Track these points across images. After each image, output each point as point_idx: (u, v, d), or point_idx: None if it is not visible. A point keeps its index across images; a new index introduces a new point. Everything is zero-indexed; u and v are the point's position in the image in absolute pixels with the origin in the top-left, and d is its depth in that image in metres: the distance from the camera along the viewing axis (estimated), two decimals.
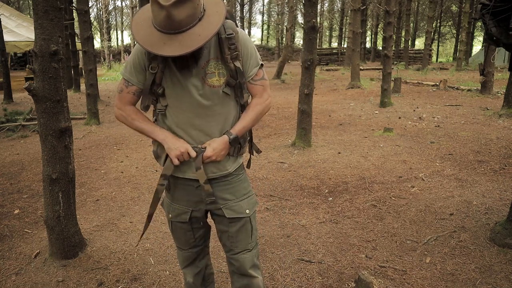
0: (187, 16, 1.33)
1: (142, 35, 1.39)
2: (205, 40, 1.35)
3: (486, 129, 6.38)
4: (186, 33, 1.35)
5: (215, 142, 1.56)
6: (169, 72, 1.51)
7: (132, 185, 4.28)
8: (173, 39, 1.35)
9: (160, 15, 1.32)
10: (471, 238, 2.91)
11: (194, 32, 1.35)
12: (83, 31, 7.94)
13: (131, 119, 1.62)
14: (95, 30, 32.81)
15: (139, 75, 1.56)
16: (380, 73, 14.26)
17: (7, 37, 12.18)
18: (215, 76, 1.52)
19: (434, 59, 34.36)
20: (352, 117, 7.82)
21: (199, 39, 1.35)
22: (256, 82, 1.61)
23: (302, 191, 4.00)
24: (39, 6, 2.41)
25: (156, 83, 1.53)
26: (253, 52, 1.58)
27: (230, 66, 1.52)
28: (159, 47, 1.35)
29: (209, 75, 1.51)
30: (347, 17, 31.53)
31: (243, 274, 1.73)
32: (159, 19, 1.33)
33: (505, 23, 2.57)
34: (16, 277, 2.55)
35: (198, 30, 1.36)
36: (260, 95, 1.64)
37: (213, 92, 1.53)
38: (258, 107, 1.63)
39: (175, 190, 1.68)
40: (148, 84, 1.54)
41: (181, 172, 1.62)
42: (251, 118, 1.62)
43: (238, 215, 1.66)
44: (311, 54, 5.34)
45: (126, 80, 1.58)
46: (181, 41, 1.34)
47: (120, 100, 1.61)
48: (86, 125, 7.70)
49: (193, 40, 1.34)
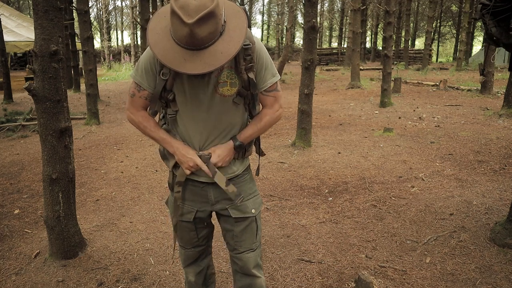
0: (210, 33, 1.28)
1: (161, 49, 1.33)
2: (228, 59, 1.32)
3: (486, 129, 6.38)
4: (207, 49, 1.31)
5: (219, 148, 1.56)
6: (180, 79, 1.48)
7: (132, 185, 4.27)
8: (195, 55, 1.30)
9: (182, 32, 1.27)
10: (471, 238, 2.91)
11: (217, 49, 1.31)
12: (83, 31, 7.94)
13: (143, 126, 1.61)
14: (95, 30, 32.81)
15: (150, 80, 1.53)
16: (380, 73, 14.27)
17: (7, 37, 12.18)
18: (227, 86, 1.50)
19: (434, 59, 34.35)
20: (352, 117, 7.82)
21: (221, 57, 1.31)
22: (269, 93, 1.59)
23: (302, 191, 4.00)
24: (39, 6, 2.41)
25: (167, 89, 1.51)
26: (268, 63, 1.54)
27: (243, 76, 1.49)
28: (179, 64, 1.31)
29: (221, 84, 1.49)
30: (347, 17, 31.52)
31: (246, 273, 1.73)
32: (181, 35, 1.28)
33: (505, 23, 2.57)
34: (16, 277, 2.55)
35: (220, 47, 1.32)
36: (271, 106, 1.62)
37: (223, 101, 1.51)
38: (268, 117, 1.63)
39: (183, 190, 1.68)
40: (159, 90, 1.50)
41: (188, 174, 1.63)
42: (259, 127, 1.62)
43: (244, 215, 1.66)
44: (311, 54, 5.34)
45: (137, 84, 1.55)
46: (203, 59, 1.30)
47: (132, 104, 1.59)
48: (86, 125, 7.70)
49: (215, 59, 1.31)
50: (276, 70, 1.59)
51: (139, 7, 10.54)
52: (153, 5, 12.88)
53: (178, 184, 1.61)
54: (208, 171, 1.55)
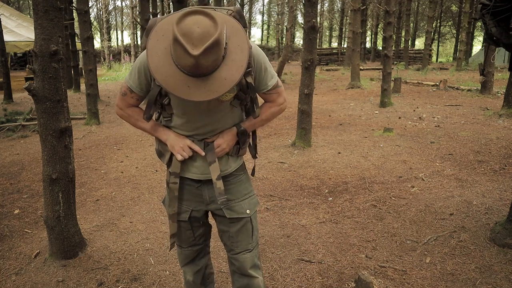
0: (214, 61, 1.27)
1: (163, 74, 1.30)
2: (232, 85, 1.31)
3: (486, 129, 6.38)
4: (211, 76, 1.30)
5: (223, 133, 1.58)
6: None
7: (132, 185, 4.27)
8: (198, 82, 1.29)
9: (186, 61, 1.25)
10: (471, 238, 2.91)
11: (220, 76, 1.30)
12: (83, 31, 7.94)
13: (134, 119, 1.63)
14: (95, 30, 32.81)
15: (143, 84, 1.54)
16: (380, 73, 14.27)
17: (7, 37, 12.18)
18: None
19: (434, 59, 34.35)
20: (352, 117, 7.82)
21: (225, 83, 1.30)
22: (272, 91, 1.61)
23: (302, 191, 4.00)
24: (39, 6, 2.41)
25: (162, 94, 1.51)
26: (266, 65, 1.54)
27: (241, 82, 1.48)
28: (183, 91, 1.29)
29: None
30: (347, 17, 31.51)
31: (243, 274, 1.73)
32: (185, 64, 1.26)
33: (505, 23, 2.57)
34: (16, 277, 2.55)
35: (223, 73, 1.30)
36: (275, 100, 1.64)
37: (220, 105, 1.52)
38: (272, 109, 1.65)
39: (180, 190, 1.68)
40: (154, 95, 1.50)
41: (183, 171, 1.63)
42: (263, 117, 1.64)
43: (238, 215, 1.66)
44: (311, 54, 5.34)
45: (129, 87, 1.56)
46: (207, 85, 1.29)
47: (122, 102, 1.61)
48: (86, 125, 7.70)
49: (219, 85, 1.30)
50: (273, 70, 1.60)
51: (139, 7, 10.54)
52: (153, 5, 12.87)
53: (174, 175, 1.61)
54: (199, 150, 1.55)
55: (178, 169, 1.60)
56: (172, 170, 1.61)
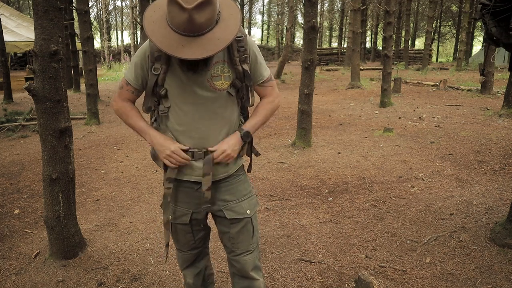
0: (207, 20, 1.31)
1: (159, 36, 1.35)
2: (226, 44, 1.35)
3: (486, 129, 6.38)
4: (205, 36, 1.34)
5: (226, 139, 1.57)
6: (172, 74, 1.50)
7: (132, 185, 4.27)
8: (192, 41, 1.33)
9: (181, 18, 1.29)
10: (471, 238, 2.91)
11: (214, 36, 1.34)
12: (83, 31, 7.94)
13: (126, 116, 1.65)
14: (95, 30, 32.81)
15: (139, 76, 1.56)
16: (380, 73, 14.27)
17: (7, 37, 12.18)
18: (221, 80, 1.51)
19: (434, 59, 34.35)
20: (352, 117, 7.82)
21: (219, 43, 1.34)
22: (266, 84, 1.64)
23: (302, 191, 4.00)
24: (39, 6, 2.41)
25: (159, 84, 1.52)
26: (260, 57, 1.60)
27: (238, 68, 1.52)
28: (177, 49, 1.32)
29: (215, 78, 1.50)
30: (347, 17, 31.52)
31: (244, 276, 1.72)
32: (179, 21, 1.30)
33: (505, 23, 2.57)
34: (16, 277, 2.55)
35: (217, 34, 1.35)
36: (270, 95, 1.67)
37: (217, 94, 1.53)
38: (269, 105, 1.66)
39: (177, 192, 1.67)
40: (151, 85, 1.53)
41: (181, 174, 1.61)
42: (263, 115, 1.65)
43: (238, 216, 1.65)
44: (311, 54, 5.34)
45: (126, 80, 1.60)
46: (201, 45, 1.33)
47: (119, 95, 1.64)
48: (86, 125, 7.70)
49: (213, 44, 1.34)
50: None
51: (139, 7, 10.54)
52: None
53: (168, 180, 1.60)
54: (186, 157, 1.54)
55: (173, 175, 1.59)
56: (167, 176, 1.60)
